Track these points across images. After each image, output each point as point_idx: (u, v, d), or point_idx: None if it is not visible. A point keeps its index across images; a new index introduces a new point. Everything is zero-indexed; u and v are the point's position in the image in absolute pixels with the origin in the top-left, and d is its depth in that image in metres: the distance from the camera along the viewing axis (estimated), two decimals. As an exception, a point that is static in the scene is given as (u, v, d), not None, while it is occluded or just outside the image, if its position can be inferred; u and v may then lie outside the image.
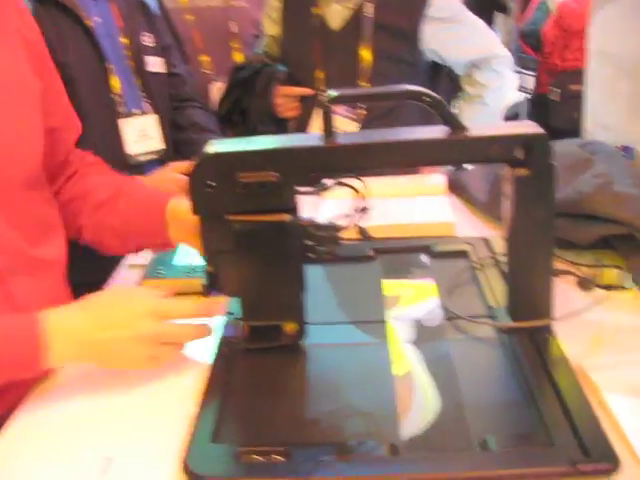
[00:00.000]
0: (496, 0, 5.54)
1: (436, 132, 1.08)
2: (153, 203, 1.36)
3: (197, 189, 1.09)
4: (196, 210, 1.12)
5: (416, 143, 1.08)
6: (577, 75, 4.34)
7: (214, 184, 1.08)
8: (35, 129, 1.28)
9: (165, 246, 1.38)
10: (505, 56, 2.43)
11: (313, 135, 1.10)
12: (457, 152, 1.09)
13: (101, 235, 1.39)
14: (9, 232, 1.20)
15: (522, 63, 4.73)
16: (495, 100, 2.42)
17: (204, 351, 1.19)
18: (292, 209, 1.11)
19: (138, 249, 1.43)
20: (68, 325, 1.08)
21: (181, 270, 1.45)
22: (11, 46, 1.25)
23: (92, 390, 1.14)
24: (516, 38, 5.10)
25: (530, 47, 4.81)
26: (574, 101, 4.32)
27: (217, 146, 1.10)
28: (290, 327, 1.18)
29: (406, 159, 1.11)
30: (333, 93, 1.07)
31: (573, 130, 2.18)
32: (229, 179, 1.07)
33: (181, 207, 1.29)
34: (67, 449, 1.00)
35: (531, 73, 4.72)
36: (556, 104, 4.53)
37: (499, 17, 5.80)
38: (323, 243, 1.14)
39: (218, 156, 1.08)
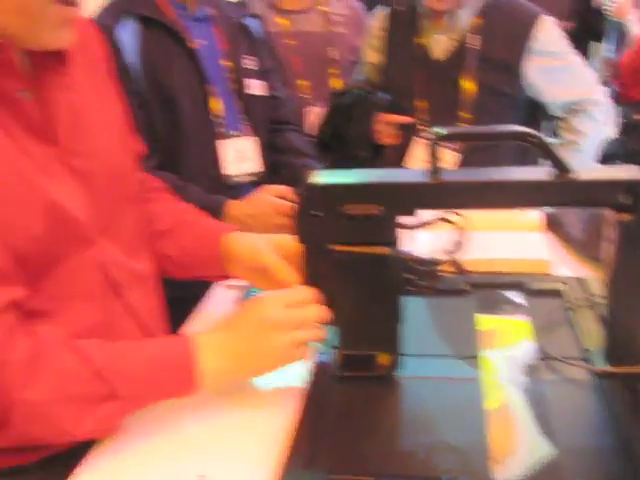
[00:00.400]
0: (592, 29, 5.48)
1: (542, 174, 1.08)
2: (208, 236, 1.41)
3: (303, 218, 1.12)
4: (301, 238, 1.14)
5: (522, 184, 1.09)
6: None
7: (320, 214, 1.10)
8: (129, 147, 1.36)
9: (225, 278, 1.43)
10: (604, 103, 2.41)
11: (418, 170, 1.11)
12: (562, 195, 1.09)
13: (161, 263, 1.44)
14: (113, 248, 1.25)
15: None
16: (591, 147, 2.40)
17: (298, 377, 1.21)
18: (394, 242, 1.12)
19: (198, 278, 1.48)
20: (216, 344, 1.14)
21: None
22: (104, 82, 1.34)
23: (188, 410, 1.17)
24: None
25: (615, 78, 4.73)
26: (636, 132, 4.22)
27: (324, 177, 1.12)
28: (384, 358, 1.19)
29: (511, 200, 1.11)
30: (441, 131, 1.08)
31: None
32: (335, 210, 1.09)
33: (236, 243, 1.35)
34: (162, 465, 1.04)
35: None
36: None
37: (594, 46, 5.73)
38: (422, 277, 1.15)
39: (325, 187, 1.11)
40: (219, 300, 1.53)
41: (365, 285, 1.15)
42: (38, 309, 1.11)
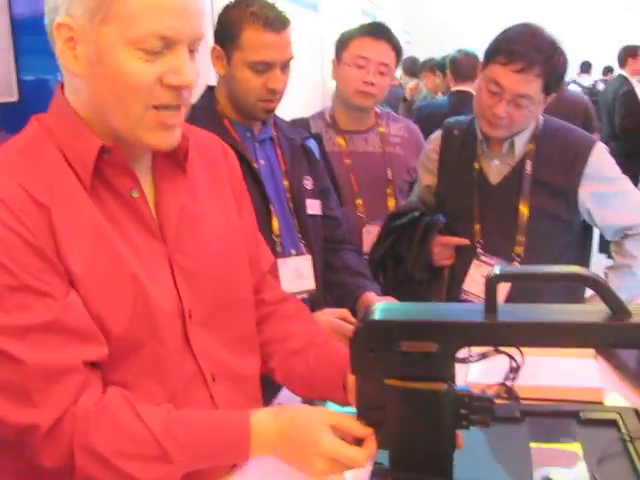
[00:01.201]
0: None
1: (597, 315, 1.09)
2: (337, 362, 1.44)
3: (358, 351, 1.15)
4: (355, 370, 1.17)
5: (576, 326, 1.10)
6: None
7: (375, 349, 1.13)
8: (243, 254, 1.48)
9: (343, 403, 1.44)
10: None
11: (474, 307, 1.14)
12: (617, 337, 1.10)
13: (290, 380, 1.53)
14: (214, 344, 1.37)
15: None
16: None
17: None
18: (449, 378, 1.14)
19: (321, 399, 1.52)
20: (265, 436, 1.23)
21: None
22: (224, 196, 1.48)
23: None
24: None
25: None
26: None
27: (381, 312, 1.15)
28: None
29: (565, 341, 1.13)
30: (498, 270, 1.11)
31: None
32: (390, 346, 1.12)
33: None
34: None
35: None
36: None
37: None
38: (477, 413, 1.16)
39: (381, 324, 1.14)
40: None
41: (419, 418, 1.16)
42: (114, 381, 1.24)
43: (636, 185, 3.28)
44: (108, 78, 1.20)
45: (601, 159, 2.35)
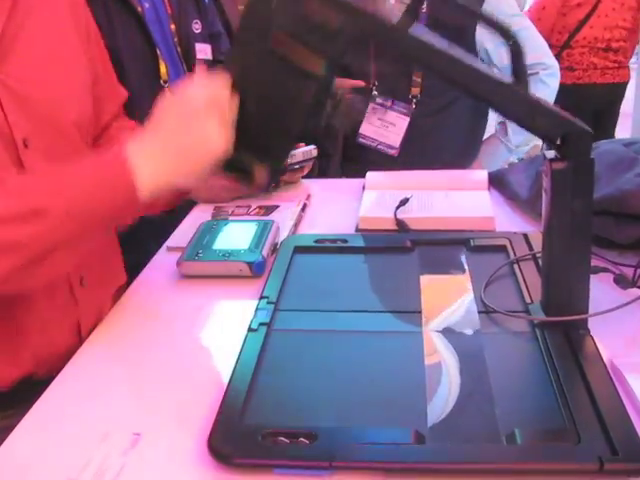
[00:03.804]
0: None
1: (500, 76, 1.07)
2: None
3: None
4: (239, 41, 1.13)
5: (475, 72, 1.08)
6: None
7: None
8: (85, 91, 1.39)
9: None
10: (554, 67, 2.41)
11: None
12: (509, 102, 1.07)
13: None
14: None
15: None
16: None
17: (236, 332, 1.20)
18: (330, 69, 1.09)
19: None
20: (146, 146, 1.10)
21: (219, 254, 1.45)
22: (62, 26, 1.36)
23: (125, 367, 1.17)
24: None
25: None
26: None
27: None
28: (261, 174, 1.14)
29: (461, 82, 1.12)
30: None
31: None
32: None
33: None
34: (99, 423, 1.02)
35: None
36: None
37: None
38: (336, 106, 1.11)
39: None
40: (162, 265, 1.53)
41: (280, 91, 1.10)
42: None
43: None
44: None
45: None
